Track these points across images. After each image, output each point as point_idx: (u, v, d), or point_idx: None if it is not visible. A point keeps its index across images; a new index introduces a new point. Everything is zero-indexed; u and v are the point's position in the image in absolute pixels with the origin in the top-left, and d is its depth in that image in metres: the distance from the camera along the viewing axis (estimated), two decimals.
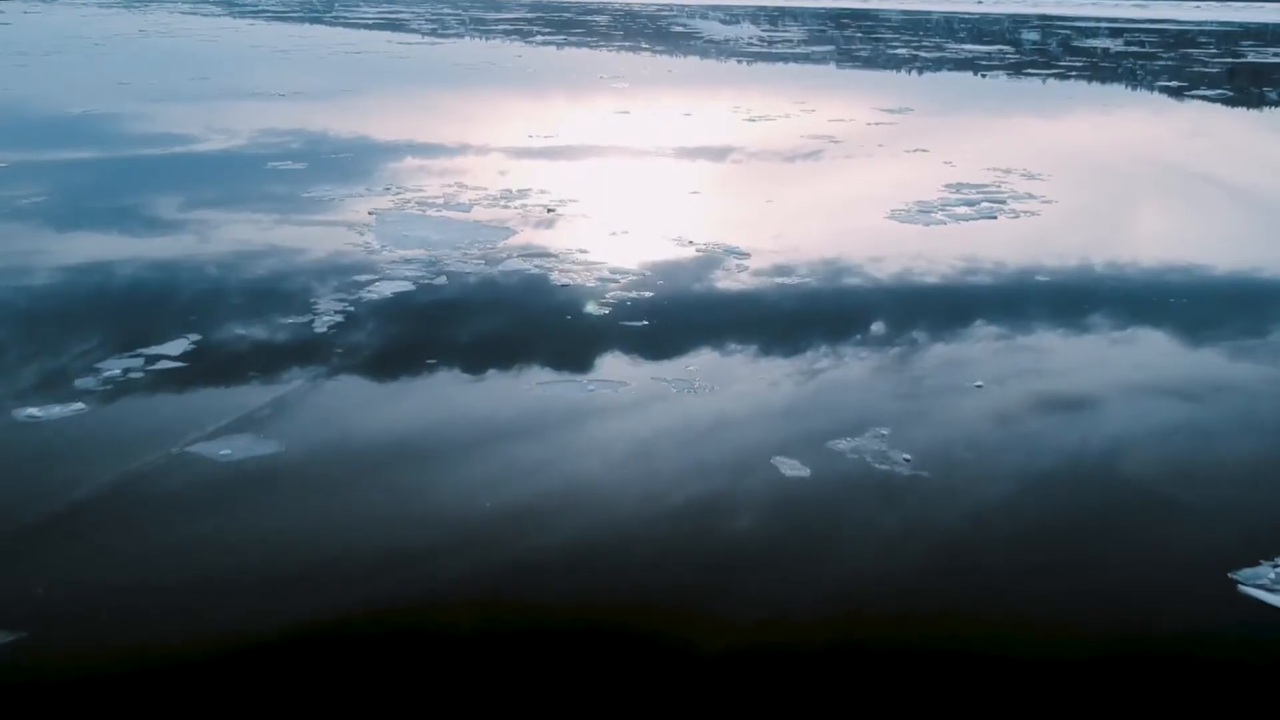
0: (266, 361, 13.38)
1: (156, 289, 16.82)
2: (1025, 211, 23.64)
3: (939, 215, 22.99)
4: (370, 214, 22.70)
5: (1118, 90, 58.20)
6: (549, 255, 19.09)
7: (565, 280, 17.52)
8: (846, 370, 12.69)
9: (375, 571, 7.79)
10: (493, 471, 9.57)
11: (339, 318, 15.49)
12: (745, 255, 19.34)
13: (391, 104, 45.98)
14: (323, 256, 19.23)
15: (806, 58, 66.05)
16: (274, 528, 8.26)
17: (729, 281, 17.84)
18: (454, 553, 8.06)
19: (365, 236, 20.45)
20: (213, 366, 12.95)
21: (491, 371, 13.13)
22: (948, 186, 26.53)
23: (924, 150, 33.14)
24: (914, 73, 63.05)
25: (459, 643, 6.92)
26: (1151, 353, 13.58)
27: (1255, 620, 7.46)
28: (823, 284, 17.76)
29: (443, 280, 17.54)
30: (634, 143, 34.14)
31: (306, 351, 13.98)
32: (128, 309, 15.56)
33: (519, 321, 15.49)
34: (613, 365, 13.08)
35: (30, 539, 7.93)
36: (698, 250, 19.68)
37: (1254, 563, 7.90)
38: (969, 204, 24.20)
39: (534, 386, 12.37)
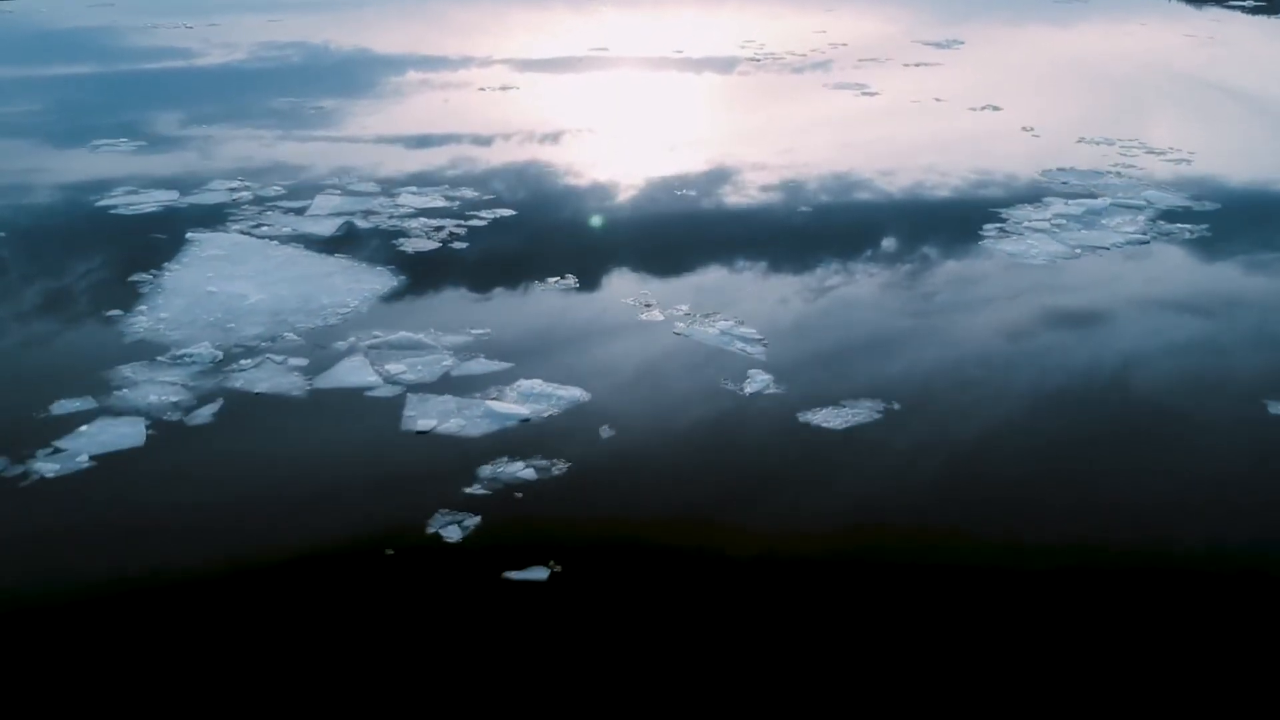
0: None
1: None
2: (1173, 229, 15.45)
3: (1054, 236, 14.82)
4: (189, 239, 14.74)
5: (1192, 10, 49.20)
6: (417, 348, 11.07)
7: (420, 422, 9.54)
8: None
9: None
10: None
11: None
12: (761, 359, 11.41)
13: (302, 35, 37.49)
14: (41, 359, 11.39)
15: None
16: None
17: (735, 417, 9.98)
18: None
19: (143, 302, 12.56)
20: None
21: None
22: (1045, 174, 18.37)
23: (994, 107, 24.85)
24: None
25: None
26: None
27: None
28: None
29: (202, 420, 9.64)
30: (605, 106, 25.80)
31: None
32: None
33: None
34: None
35: None
36: (681, 351, 11.69)
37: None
38: (1085, 197, 16.09)
39: None
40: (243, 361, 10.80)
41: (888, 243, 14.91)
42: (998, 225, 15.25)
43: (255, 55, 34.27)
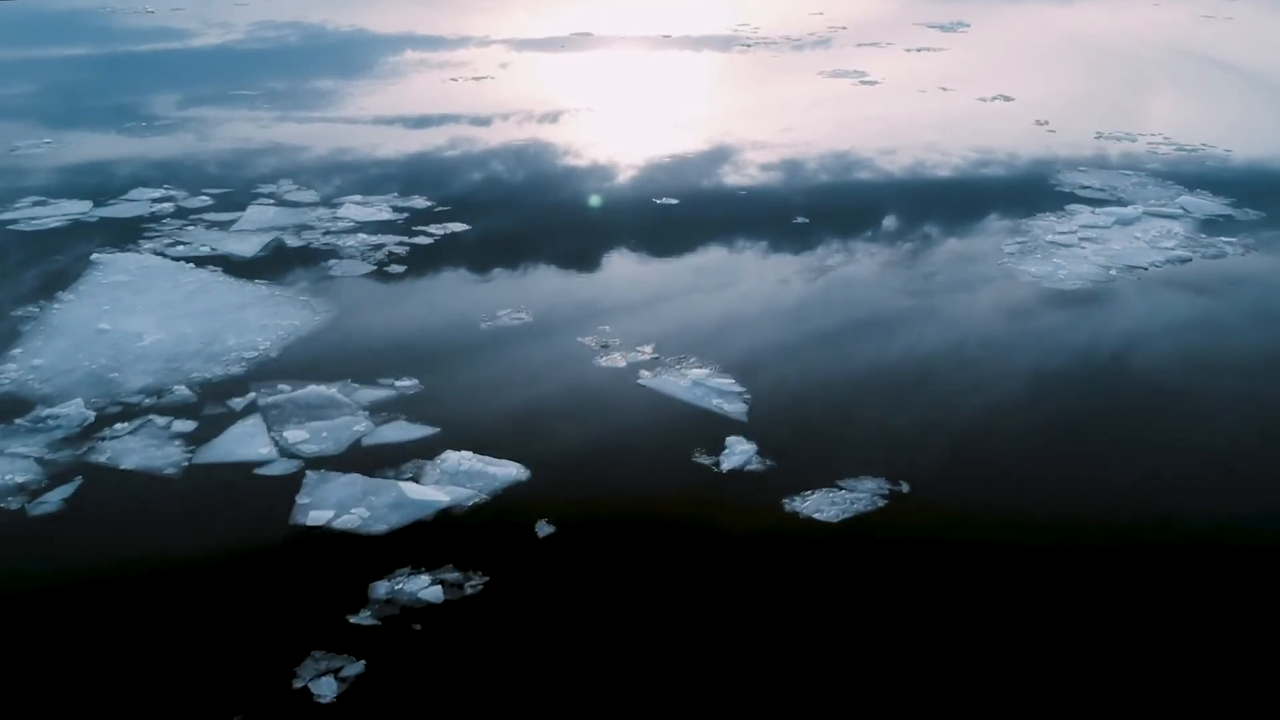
0: None
1: None
2: (1217, 244, 13.57)
3: (1083, 253, 12.92)
4: (94, 260, 12.96)
5: None
6: (327, 407, 9.20)
7: (313, 515, 7.66)
8: None
9: None
10: None
11: None
12: (740, 420, 9.60)
13: (271, 16, 35.45)
14: None
15: None
16: None
17: None
18: None
19: (19, 343, 10.88)
20: None
21: None
22: (1065, 177, 16.50)
23: (1005, 97, 22.91)
24: None
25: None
26: None
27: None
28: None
29: (47, 509, 7.93)
30: (585, 96, 23.79)
31: None
32: None
33: None
34: None
35: None
36: (645, 410, 9.90)
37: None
38: (1113, 204, 14.21)
39: None
40: (117, 425, 8.95)
41: (891, 258, 13.02)
42: (1019, 240, 13.36)
43: (217, 40, 32.33)
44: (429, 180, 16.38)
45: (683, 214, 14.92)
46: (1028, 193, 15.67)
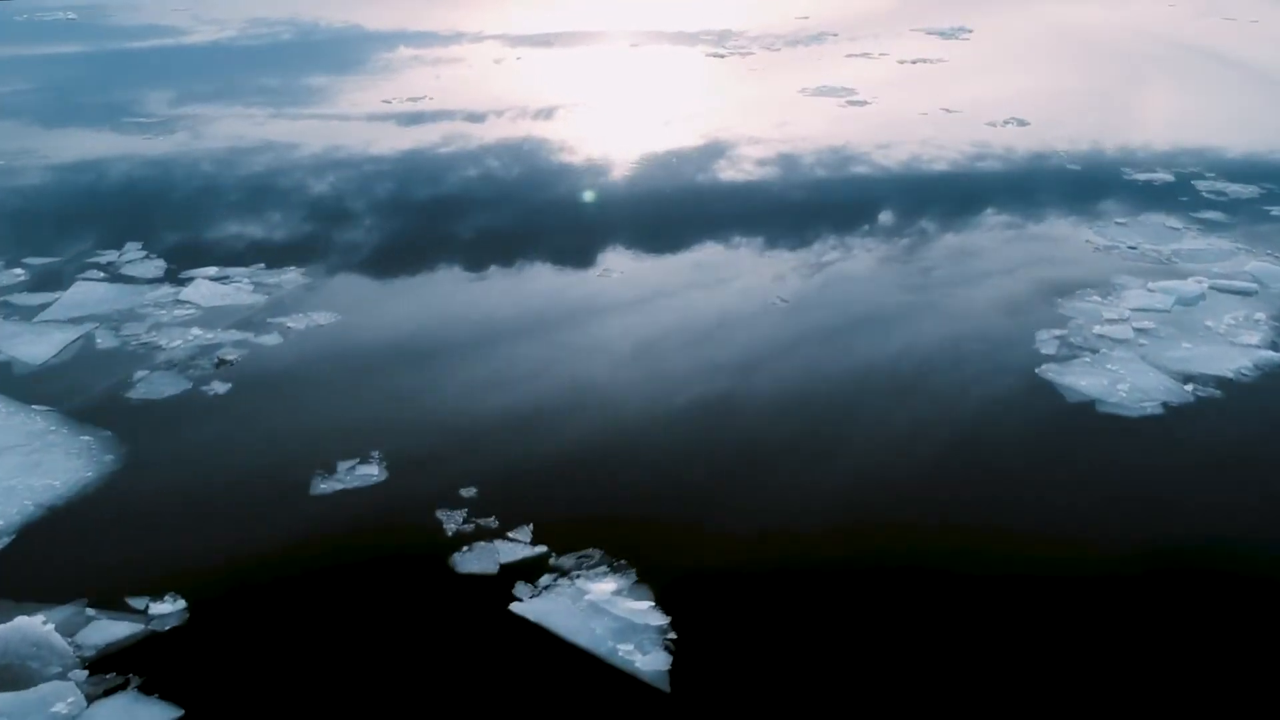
0: None
1: None
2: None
3: (1144, 354, 9.73)
4: None
5: None
6: (15, 684, 5.99)
7: None
8: None
9: None
10: None
11: None
12: (659, 685, 6.35)
13: (220, 15, 32.23)
14: None
15: None
16: None
17: None
18: None
19: None
20: None
21: None
22: (1103, 234, 13.39)
23: (1019, 121, 19.74)
24: None
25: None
26: None
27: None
28: None
29: None
30: (523, 121, 20.71)
31: None
32: None
33: None
34: None
35: None
36: (513, 666, 6.73)
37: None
38: (1168, 274, 11.14)
39: None
40: None
41: (897, 356, 9.84)
42: (1057, 334, 10.15)
43: (142, 42, 29.15)
44: (315, 239, 13.29)
45: (604, 300, 11.74)
46: (1060, 256, 12.54)
